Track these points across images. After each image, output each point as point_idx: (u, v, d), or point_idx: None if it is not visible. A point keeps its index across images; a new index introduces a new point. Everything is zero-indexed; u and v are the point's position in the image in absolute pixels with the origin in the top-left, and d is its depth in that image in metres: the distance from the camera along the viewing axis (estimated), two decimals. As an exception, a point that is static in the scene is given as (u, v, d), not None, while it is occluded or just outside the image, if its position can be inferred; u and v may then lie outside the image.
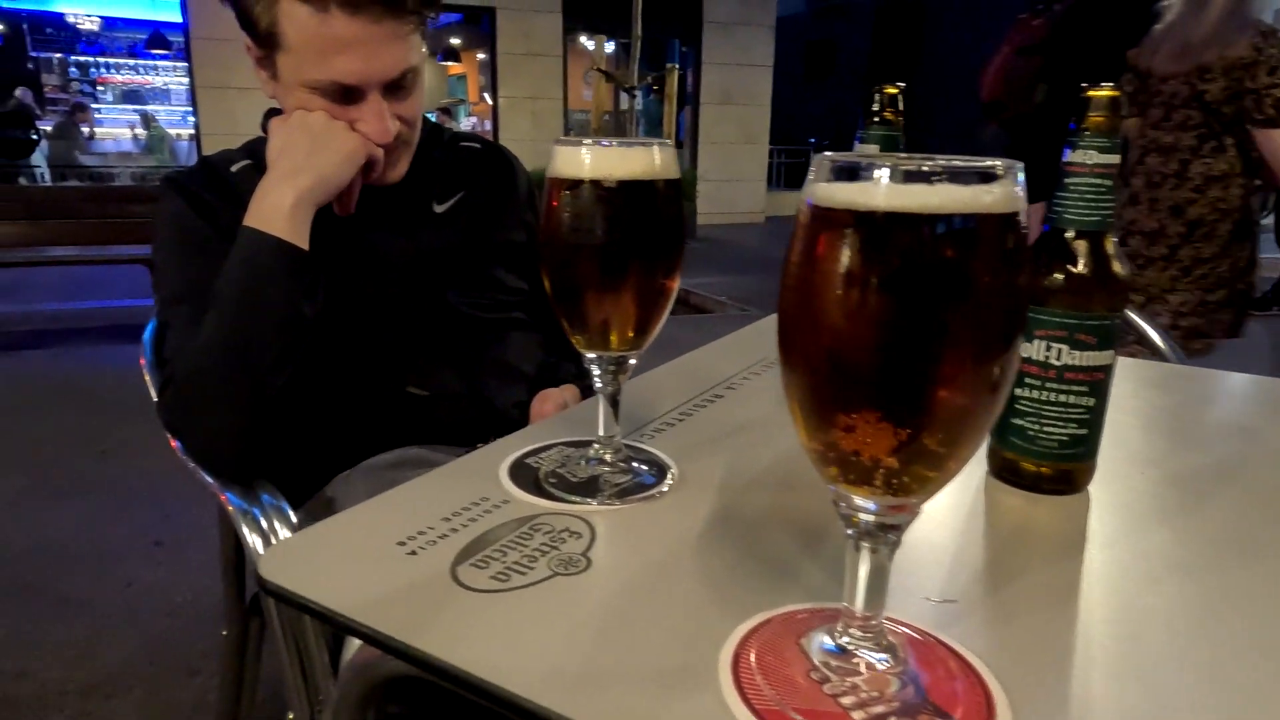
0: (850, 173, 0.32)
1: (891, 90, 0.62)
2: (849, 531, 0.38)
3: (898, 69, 16.54)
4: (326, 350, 0.98)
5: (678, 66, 5.88)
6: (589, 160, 0.52)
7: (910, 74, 16.20)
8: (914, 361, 0.31)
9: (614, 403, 0.60)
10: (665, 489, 0.60)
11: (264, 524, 0.90)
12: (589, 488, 0.59)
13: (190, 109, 9.90)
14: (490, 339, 1.15)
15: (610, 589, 0.48)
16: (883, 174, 0.31)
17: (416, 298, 1.10)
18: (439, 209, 1.15)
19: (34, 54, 11.09)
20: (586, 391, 1.20)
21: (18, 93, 10.15)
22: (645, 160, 0.53)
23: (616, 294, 0.54)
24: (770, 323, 1.11)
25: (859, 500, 0.36)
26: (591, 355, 0.58)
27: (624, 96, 7.07)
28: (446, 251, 1.13)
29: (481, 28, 9.84)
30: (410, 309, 1.09)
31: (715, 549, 0.52)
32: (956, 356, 0.31)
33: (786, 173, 14.52)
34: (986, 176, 0.31)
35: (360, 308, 1.05)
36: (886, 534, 0.37)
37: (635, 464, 0.62)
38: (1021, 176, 0.32)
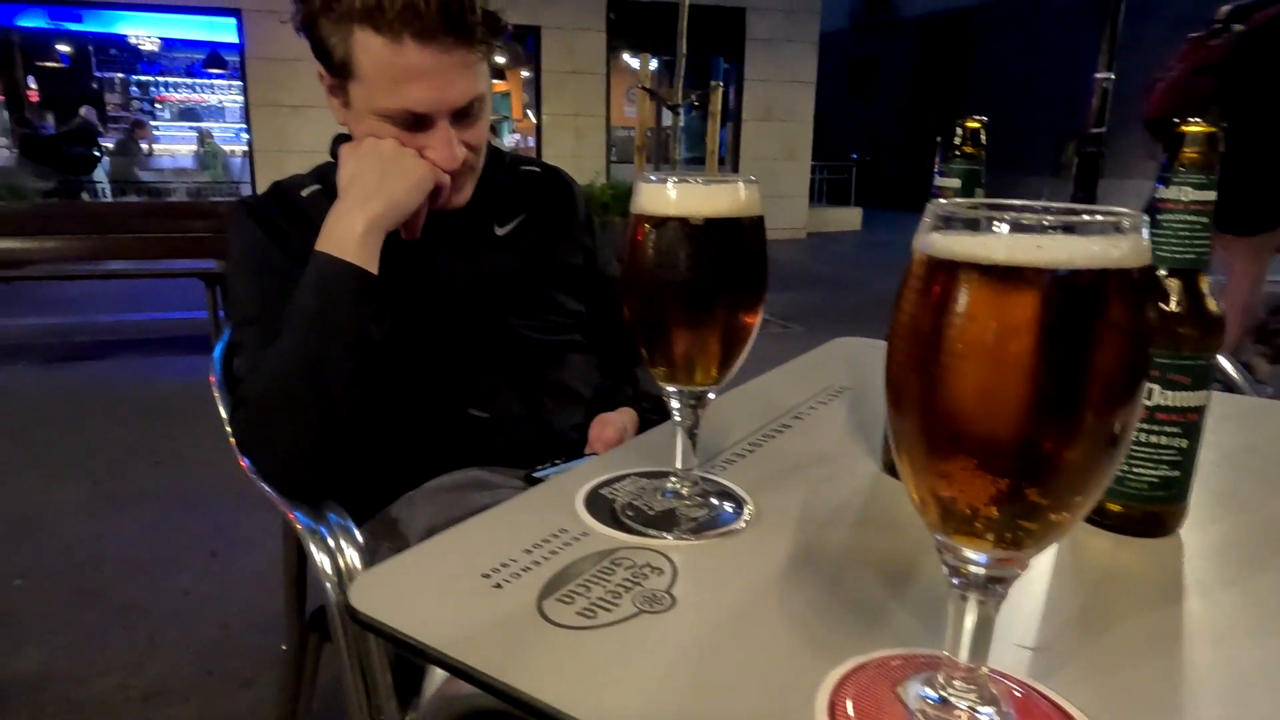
0: (970, 223, 0.31)
1: (973, 124, 0.61)
2: (954, 581, 0.37)
3: (942, 86, 16.39)
4: (391, 372, 1.00)
5: (722, 84, 5.89)
6: (675, 197, 0.53)
7: (955, 91, 16.04)
8: (1036, 416, 0.31)
9: (692, 435, 0.60)
10: (743, 524, 0.60)
11: (331, 543, 0.92)
12: (666, 521, 0.59)
13: (244, 126, 10.18)
14: (548, 361, 1.16)
15: (697, 628, 0.48)
16: (1005, 226, 0.30)
17: (477, 320, 1.11)
18: (500, 232, 1.17)
19: (98, 74, 11.51)
20: (643, 415, 1.20)
21: (82, 111, 10.54)
22: (732, 197, 0.53)
23: (700, 330, 0.54)
24: (832, 348, 1.10)
25: (969, 552, 0.35)
26: (671, 389, 0.58)
27: (666, 113, 7.11)
28: (506, 274, 1.14)
29: (526, 46, 9.99)
30: (471, 331, 1.11)
31: (800, 588, 0.52)
32: (1079, 412, 0.31)
33: (828, 188, 14.44)
34: (1114, 229, 0.30)
35: (423, 330, 1.06)
36: (995, 586, 0.36)
37: (712, 498, 0.62)
38: (1147, 230, 0.31)
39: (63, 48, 11.56)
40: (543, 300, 1.18)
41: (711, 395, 0.59)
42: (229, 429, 1.06)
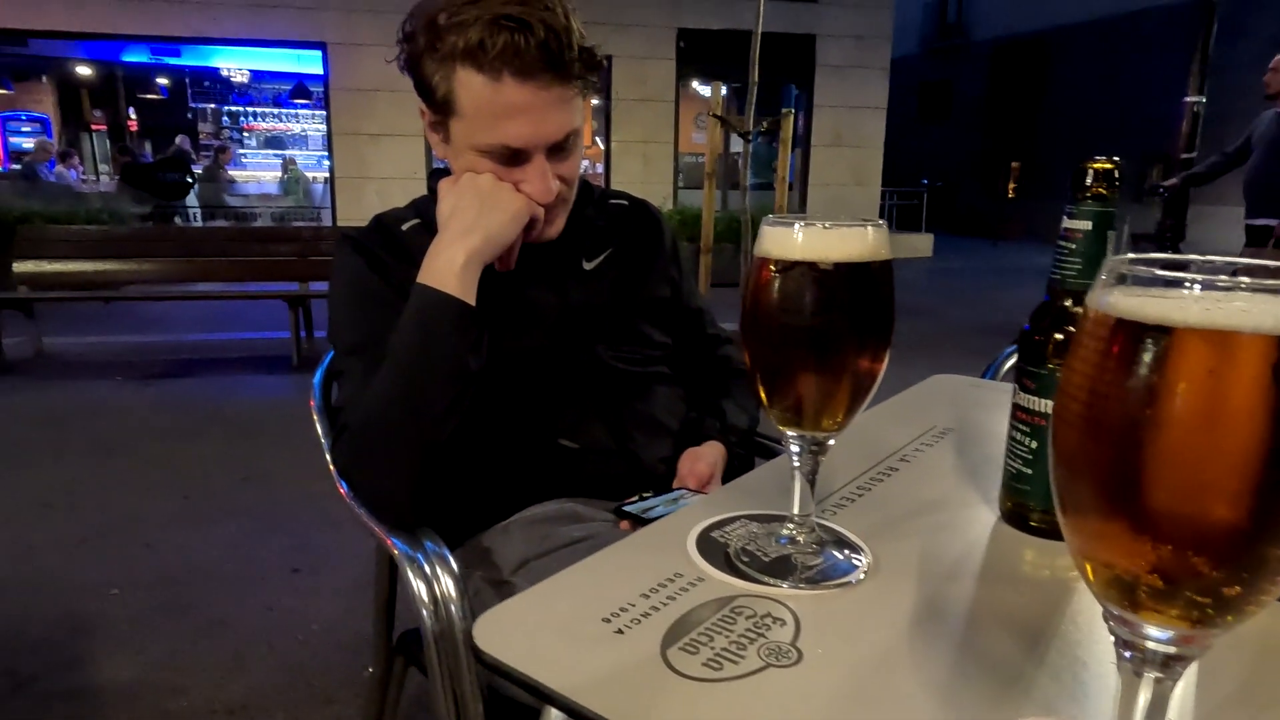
0: (1160, 282, 0.30)
1: (1104, 165, 0.59)
2: (1125, 655, 0.35)
3: (1017, 110, 16.05)
4: (484, 402, 1.01)
5: (794, 111, 5.87)
6: (803, 241, 0.52)
7: (1030, 116, 15.68)
8: (1236, 491, 0.29)
9: (810, 481, 0.59)
10: (862, 575, 0.58)
11: (427, 569, 0.92)
12: (783, 568, 0.58)
13: (326, 153, 10.61)
14: (636, 393, 1.16)
15: (827, 687, 0.46)
16: (1199, 286, 0.29)
17: (566, 351, 1.12)
18: (588, 265, 1.18)
19: (193, 105, 12.15)
20: (730, 449, 1.19)
21: (178, 140, 11.14)
22: (860, 241, 0.52)
23: (825, 376, 0.53)
24: (931, 387, 1.07)
25: (1151, 629, 0.33)
26: (792, 434, 0.57)
27: (734, 139, 7.12)
28: (594, 306, 1.15)
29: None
30: (560, 362, 1.12)
31: (929, 647, 0.50)
32: (1283, 485, 0.29)
33: (899, 214, 14.24)
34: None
35: (514, 361, 1.07)
36: (1174, 665, 0.34)
37: (828, 546, 0.61)
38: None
39: (162, 81, 12.25)
40: (630, 332, 1.18)
41: (832, 441, 0.57)
42: (329, 456, 1.09)
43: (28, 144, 11.15)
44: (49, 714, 1.77)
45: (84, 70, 11.99)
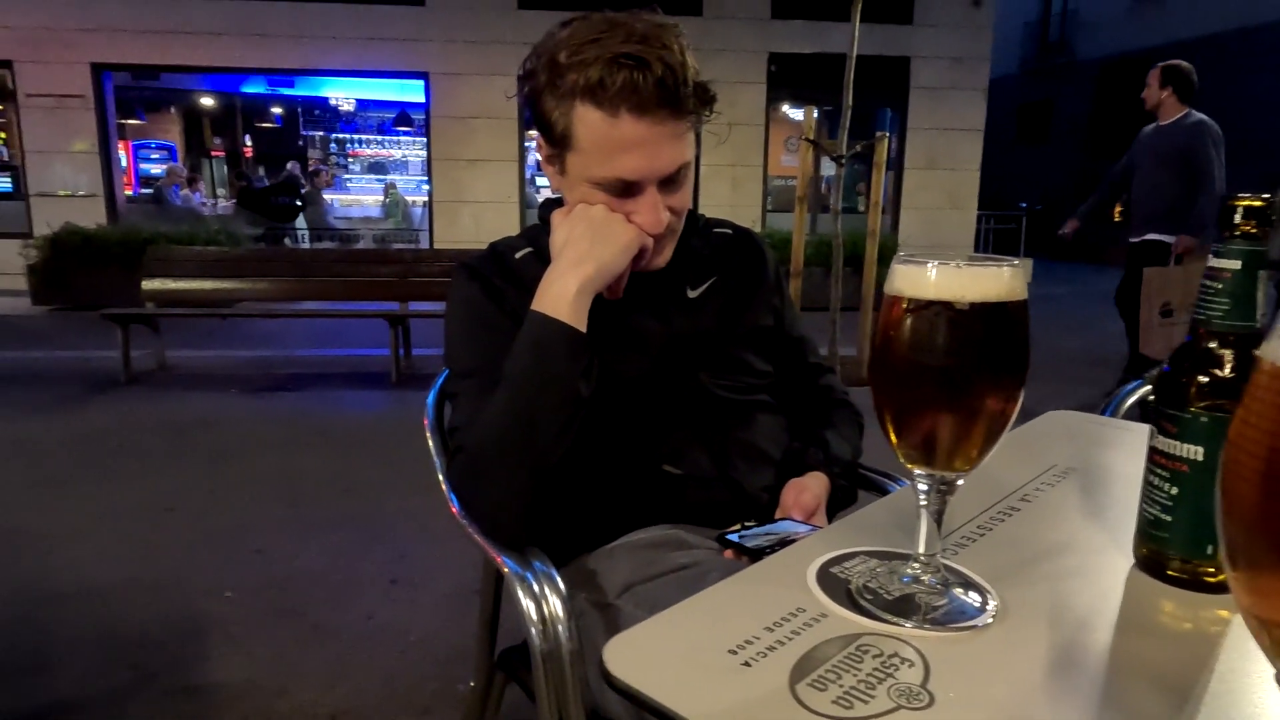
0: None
1: (1254, 202, 0.57)
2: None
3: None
4: (591, 427, 1.03)
5: (888, 134, 5.80)
6: (937, 280, 0.52)
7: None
8: None
9: (937, 521, 0.58)
10: (990, 619, 0.57)
11: (536, 589, 0.95)
12: (907, 608, 0.58)
13: (425, 178, 11.03)
14: (738, 421, 1.17)
15: (963, 732, 0.46)
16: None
17: (670, 378, 1.14)
18: (692, 294, 1.19)
19: (304, 133, 12.83)
20: (834, 480, 1.18)
21: (289, 165, 11.79)
22: (996, 281, 0.52)
23: (957, 417, 0.53)
24: (1047, 423, 1.04)
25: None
26: (920, 472, 0.56)
27: (824, 162, 7.04)
28: (698, 334, 1.16)
29: (688, 100, 10.26)
30: (665, 389, 1.13)
31: (1068, 696, 0.49)
32: None
33: (995, 239, 13.80)
34: None
35: (619, 387, 1.09)
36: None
37: (953, 587, 0.60)
38: None
39: (276, 110, 13.00)
40: (733, 360, 1.19)
41: (961, 481, 0.57)
42: (441, 474, 1.13)
43: (155, 170, 12.00)
44: (168, 709, 1.87)
45: (207, 101, 12.84)
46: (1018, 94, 18.01)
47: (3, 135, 10.72)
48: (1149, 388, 1.23)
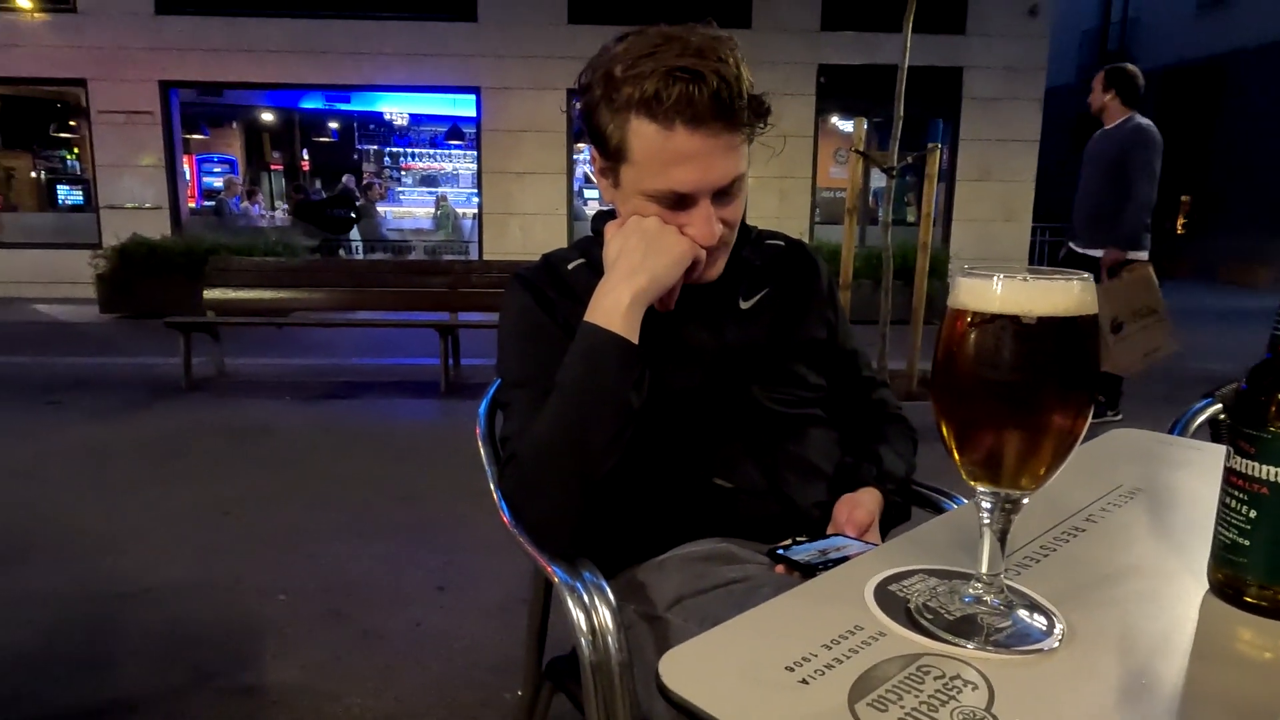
0: None
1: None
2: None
3: (1187, 142, 14.92)
4: (641, 438, 1.03)
5: (939, 145, 5.71)
6: (1003, 294, 0.51)
7: (1202, 146, 14.54)
8: None
9: (1001, 540, 0.57)
10: (1056, 643, 0.55)
11: (585, 599, 0.95)
12: (968, 628, 0.56)
13: (475, 190, 11.21)
14: (790, 435, 1.15)
15: (1030, 758, 0.44)
16: None
17: (722, 390, 1.13)
18: (744, 305, 1.19)
19: (359, 146, 13.15)
20: (887, 496, 1.16)
21: (344, 179, 12.09)
22: (1065, 295, 0.51)
23: (1022, 434, 0.52)
24: (1112, 442, 1.01)
25: None
26: (984, 489, 0.55)
27: (873, 174, 6.98)
28: (750, 346, 1.16)
29: (736, 112, 10.26)
30: (716, 401, 1.13)
31: (1141, 726, 0.47)
32: None
33: (1050, 252, 13.47)
34: None
35: (670, 398, 1.09)
36: None
37: (1016, 608, 0.58)
38: None
39: (333, 124, 13.35)
40: (785, 373, 1.18)
41: (1026, 500, 0.55)
42: (493, 483, 1.14)
43: (217, 183, 12.40)
44: (225, 708, 1.92)
45: (267, 116, 13.25)
46: (1075, 104, 17.61)
47: (76, 150, 11.19)
48: (1219, 406, 1.19)
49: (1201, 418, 1.18)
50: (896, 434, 1.26)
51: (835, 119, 11.14)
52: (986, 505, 0.56)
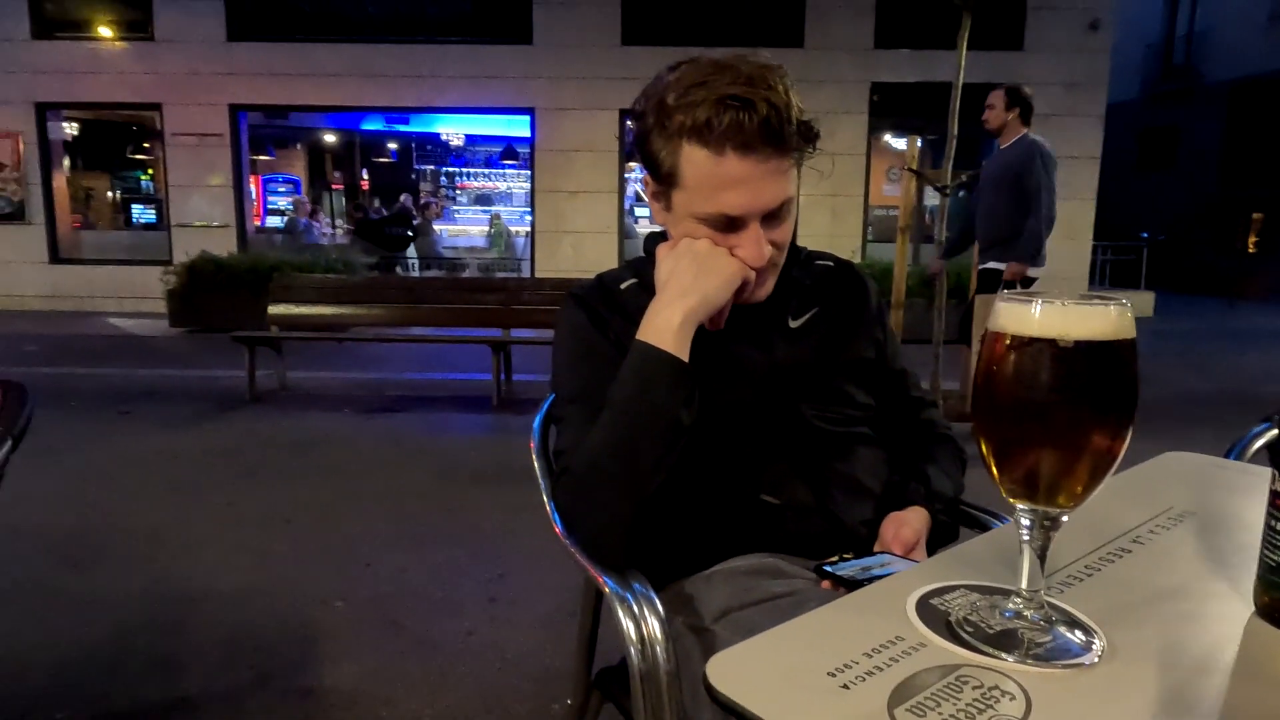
0: None
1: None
2: None
3: (1258, 157, 14.42)
4: (691, 454, 1.06)
5: (995, 163, 5.63)
6: (1041, 318, 0.53)
7: (1276, 162, 14.02)
8: None
9: (1041, 557, 0.58)
10: (1096, 658, 0.56)
11: (635, 610, 0.98)
12: (1008, 642, 0.58)
13: (529, 209, 11.39)
14: (838, 453, 1.17)
15: (1064, 766, 0.46)
16: None
17: (771, 408, 1.15)
18: (793, 324, 1.21)
19: (417, 166, 13.49)
20: (934, 516, 1.17)
21: (402, 198, 12.41)
22: (1103, 320, 0.52)
23: (1059, 454, 0.53)
24: (1163, 464, 1.01)
25: None
26: (1023, 507, 0.57)
27: (928, 191, 6.91)
28: (799, 365, 1.18)
29: (787, 131, 10.27)
30: (765, 419, 1.15)
31: (1177, 741, 0.48)
32: None
33: (1113, 271, 13.13)
34: None
35: (720, 415, 1.12)
36: None
37: (1058, 624, 0.60)
38: None
39: (392, 145, 13.72)
40: (834, 392, 1.19)
41: (1065, 518, 0.57)
42: (545, 496, 1.18)
43: (281, 203, 12.84)
44: (285, 710, 1.99)
45: (330, 137, 13.69)
46: (1139, 119, 17.18)
47: (150, 171, 11.72)
48: (1277, 430, 1.17)
49: (1260, 441, 1.16)
50: (945, 454, 1.27)
51: (888, 137, 11.06)
52: (1026, 523, 0.58)
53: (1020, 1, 10.36)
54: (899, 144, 10.75)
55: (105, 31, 10.63)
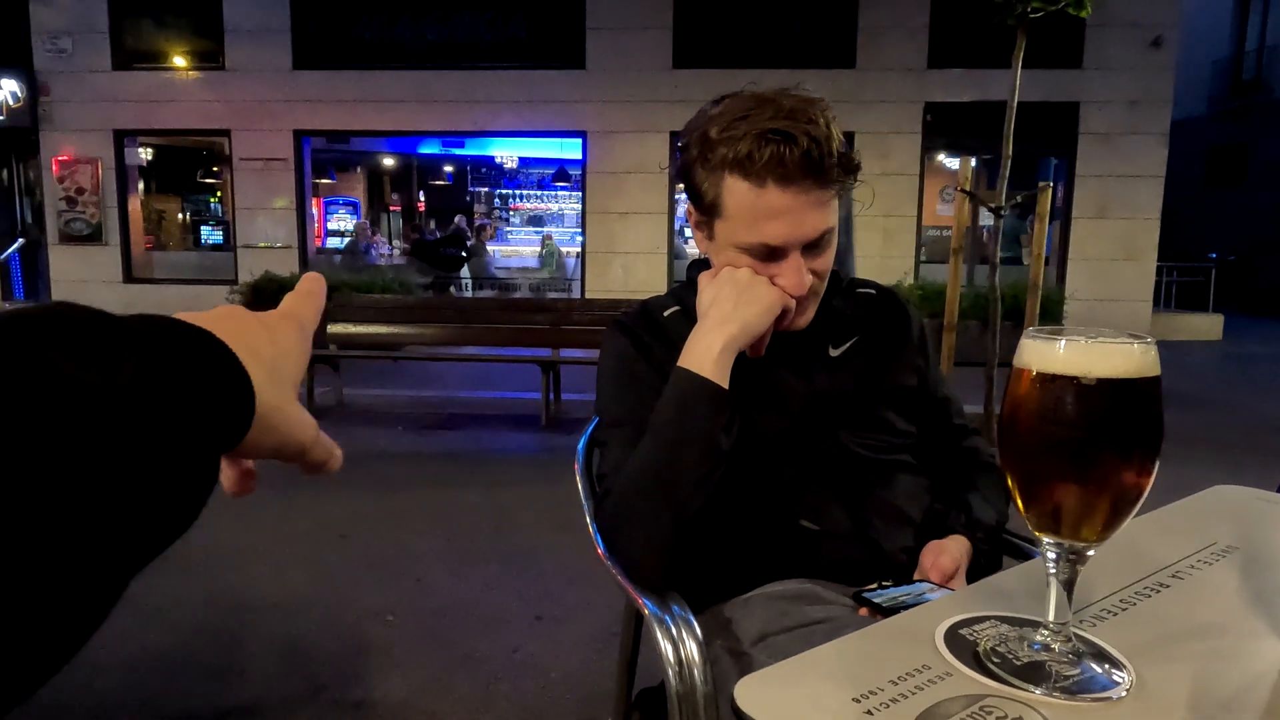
0: None
1: None
2: None
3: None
4: (731, 479, 1.08)
5: (1051, 184, 5.55)
6: (1064, 355, 0.54)
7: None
8: None
9: (1068, 589, 0.59)
10: (1124, 693, 0.57)
11: (674, 631, 1.00)
12: (1035, 674, 0.58)
13: (579, 230, 11.54)
14: (878, 480, 1.18)
15: (1083, 798, 0.47)
16: None
17: (811, 435, 1.16)
18: (834, 352, 1.22)
19: (471, 189, 13.78)
20: (975, 545, 1.16)
21: (456, 219, 12.68)
22: (1125, 358, 0.53)
23: (1084, 489, 0.54)
24: (1212, 498, 0.99)
25: None
26: (1049, 540, 0.58)
27: (983, 212, 6.82)
28: (839, 393, 1.19)
29: (838, 151, 10.23)
30: (804, 445, 1.16)
31: (1200, 777, 0.48)
32: None
33: (1179, 292, 12.71)
34: None
35: (760, 442, 1.13)
36: None
37: (1086, 658, 0.60)
38: None
39: (448, 168, 14.04)
40: (874, 419, 1.20)
41: (1092, 552, 0.58)
42: (589, 517, 1.21)
43: (343, 225, 13.23)
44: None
45: (388, 161, 14.07)
46: (1207, 136, 16.66)
47: (218, 194, 12.20)
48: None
49: (1317, 476, 1.13)
50: (987, 483, 1.26)
51: (942, 156, 10.94)
52: (1052, 555, 0.58)
53: (1078, 19, 10.19)
54: (953, 164, 10.62)
55: (180, 62, 11.15)
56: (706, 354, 1.06)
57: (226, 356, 0.34)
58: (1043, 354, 0.55)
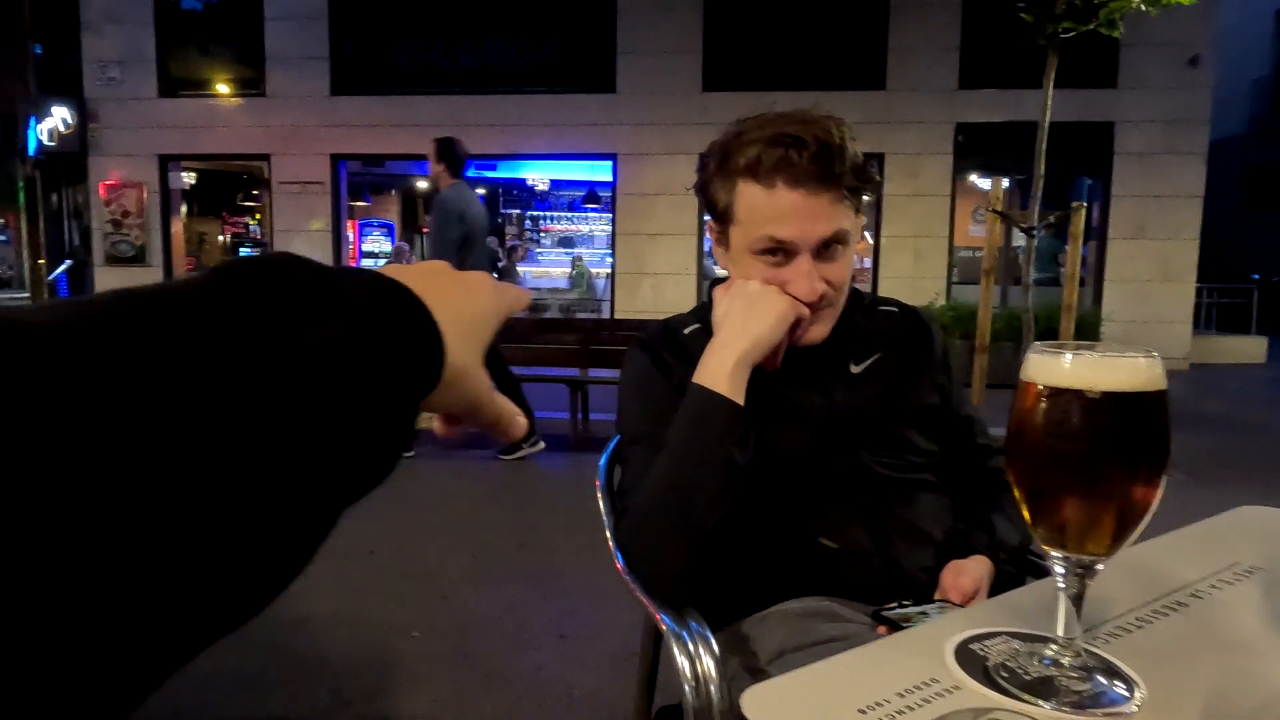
0: None
1: None
2: None
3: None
4: (749, 496, 1.08)
5: (1084, 204, 5.48)
6: (1070, 369, 0.55)
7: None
8: None
9: (1076, 604, 0.59)
10: (1134, 708, 0.56)
11: (691, 648, 1.00)
12: (1044, 689, 0.58)
13: (609, 251, 11.62)
14: (899, 499, 1.17)
15: (1086, 811, 0.46)
16: None
17: (830, 453, 1.16)
18: (855, 369, 1.22)
19: (503, 210, 13.96)
20: (998, 565, 1.15)
21: (489, 241, 12.80)
22: (1131, 372, 0.54)
23: (1090, 502, 0.55)
24: (1238, 518, 0.98)
25: None
26: (1056, 554, 0.58)
27: (1015, 232, 6.75)
28: (860, 410, 1.19)
29: (869, 172, 10.20)
30: (824, 463, 1.16)
31: (1208, 793, 0.48)
32: None
33: (1220, 314, 12.43)
34: None
35: (779, 458, 1.14)
36: None
37: (1096, 673, 0.60)
38: None
39: (480, 190, 14.24)
40: (895, 438, 1.20)
41: (1100, 566, 0.57)
42: (609, 533, 1.22)
43: (377, 246, 13.46)
44: (362, 733, 2.06)
45: (422, 184, 14.31)
46: (1247, 155, 16.37)
47: (258, 216, 12.50)
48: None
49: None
50: (1011, 502, 1.24)
51: (974, 177, 10.86)
52: (1060, 570, 0.58)
53: (1112, 39, 10.10)
54: (984, 184, 10.55)
55: (223, 89, 11.47)
56: (720, 369, 1.07)
57: (424, 317, 0.36)
58: (1048, 368, 0.56)
